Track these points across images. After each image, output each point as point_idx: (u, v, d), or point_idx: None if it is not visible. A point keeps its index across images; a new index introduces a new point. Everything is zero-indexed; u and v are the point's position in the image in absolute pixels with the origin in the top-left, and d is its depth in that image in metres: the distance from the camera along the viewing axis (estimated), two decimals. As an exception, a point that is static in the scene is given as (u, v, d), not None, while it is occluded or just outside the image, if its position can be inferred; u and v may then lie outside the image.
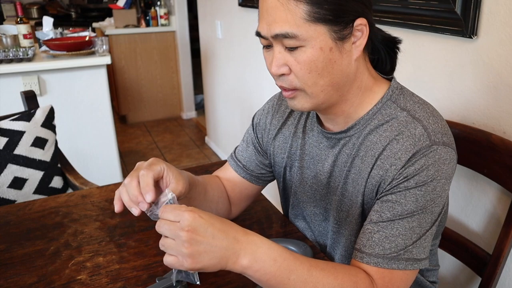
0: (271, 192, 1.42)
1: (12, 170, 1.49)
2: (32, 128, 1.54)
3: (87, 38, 2.56)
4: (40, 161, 1.54)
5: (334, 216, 0.87)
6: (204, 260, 0.62)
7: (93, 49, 2.42)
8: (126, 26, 4.06)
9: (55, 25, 2.86)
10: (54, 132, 1.63)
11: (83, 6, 5.76)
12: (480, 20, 1.03)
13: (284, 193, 1.00)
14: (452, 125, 1.03)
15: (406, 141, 0.73)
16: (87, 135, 2.49)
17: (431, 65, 1.21)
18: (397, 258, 0.71)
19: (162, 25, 4.18)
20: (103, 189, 1.21)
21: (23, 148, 1.51)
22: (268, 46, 0.75)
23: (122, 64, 4.13)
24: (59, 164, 1.64)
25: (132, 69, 4.18)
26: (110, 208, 1.10)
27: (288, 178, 0.96)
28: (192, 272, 0.68)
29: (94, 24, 4.68)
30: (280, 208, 1.08)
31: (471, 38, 1.06)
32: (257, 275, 0.65)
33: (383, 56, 0.83)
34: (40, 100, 1.71)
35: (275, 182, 1.03)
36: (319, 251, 0.92)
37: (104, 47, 2.38)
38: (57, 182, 1.60)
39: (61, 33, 2.74)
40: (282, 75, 0.74)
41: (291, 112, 0.94)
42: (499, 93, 1.02)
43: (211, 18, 3.08)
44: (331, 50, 0.70)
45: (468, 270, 1.08)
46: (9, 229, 1.02)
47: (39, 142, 1.55)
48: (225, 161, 1.04)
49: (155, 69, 4.28)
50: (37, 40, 2.69)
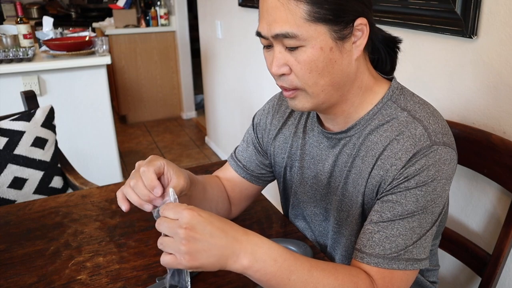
0: (271, 192, 1.42)
1: (12, 170, 1.49)
2: (32, 128, 1.54)
3: (87, 38, 2.56)
4: (40, 161, 1.54)
5: (335, 216, 0.86)
6: (202, 258, 0.62)
7: (93, 49, 2.42)
8: (126, 26, 4.06)
9: (55, 25, 2.86)
10: (54, 132, 1.63)
11: (83, 6, 5.76)
12: (480, 20, 1.03)
13: (284, 193, 1.00)
14: (452, 125, 1.03)
15: (407, 141, 0.73)
16: (87, 135, 2.49)
17: (431, 65, 1.21)
18: (398, 258, 0.71)
19: (162, 25, 4.18)
20: (103, 189, 1.21)
21: (23, 148, 1.51)
22: (269, 46, 0.75)
23: (122, 64, 4.13)
24: (59, 164, 1.64)
25: (132, 69, 4.18)
26: (110, 208, 1.10)
27: (289, 178, 0.96)
28: (185, 274, 0.68)
29: (94, 24, 4.68)
30: (280, 208, 1.08)
31: (471, 38, 1.06)
32: (258, 275, 0.65)
33: (383, 56, 0.83)
34: (40, 100, 1.71)
35: (275, 182, 1.03)
36: (319, 251, 0.92)
37: (104, 47, 2.38)
38: (57, 182, 1.60)
39: (61, 33, 2.74)
40: (283, 75, 0.74)
41: (292, 112, 0.94)
42: (499, 93, 1.02)
43: (211, 18, 3.08)
44: (332, 50, 0.70)
45: (468, 270, 1.08)
46: (9, 229, 1.02)
47: (39, 142, 1.55)
48: (225, 161, 1.04)
49: (155, 69, 4.28)
50: (37, 40, 2.69)
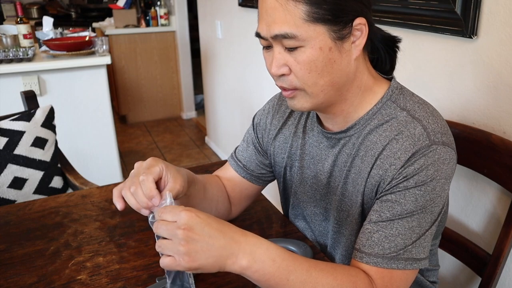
0: (271, 192, 1.42)
1: (12, 170, 1.49)
2: (32, 128, 1.54)
3: (87, 38, 2.57)
4: (40, 161, 1.54)
5: (335, 216, 0.87)
6: (201, 259, 0.62)
7: (93, 49, 2.42)
8: (126, 26, 4.06)
9: (55, 25, 2.86)
10: (54, 132, 1.63)
11: (83, 6, 5.76)
12: (480, 20, 1.03)
13: (284, 193, 1.00)
14: (452, 125, 1.03)
15: (406, 141, 0.73)
16: (87, 135, 2.49)
17: (431, 65, 1.21)
18: (397, 258, 0.71)
19: (162, 25, 4.18)
20: (103, 189, 1.21)
21: (23, 148, 1.51)
22: (268, 47, 0.75)
23: (122, 64, 4.13)
24: (59, 164, 1.64)
25: (132, 69, 4.18)
26: (110, 208, 1.10)
27: (288, 178, 0.96)
28: (188, 276, 0.67)
29: (94, 24, 4.68)
30: (280, 208, 1.08)
31: (471, 38, 1.06)
32: (256, 276, 0.65)
33: (383, 56, 0.83)
34: (40, 100, 1.71)
35: (275, 182, 1.03)
36: (319, 251, 0.92)
37: (104, 47, 2.38)
38: (57, 182, 1.60)
39: (61, 33, 2.74)
40: (282, 76, 0.74)
41: (292, 112, 0.94)
42: (499, 93, 1.02)
43: (211, 18, 3.08)
44: (331, 50, 0.70)
45: (468, 270, 1.08)
46: (9, 229, 1.02)
47: (39, 142, 1.55)
48: (225, 161, 1.04)
49: (155, 69, 4.28)
50: (37, 40, 2.69)
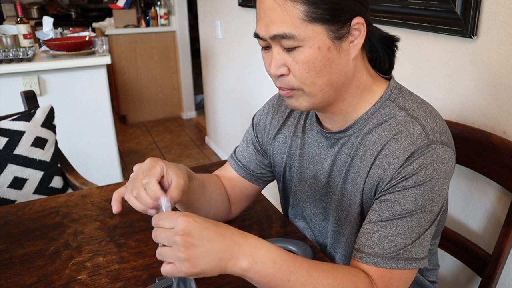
0: (271, 192, 1.42)
1: (12, 170, 1.49)
2: (32, 128, 1.54)
3: (87, 38, 2.56)
4: (40, 161, 1.54)
5: (334, 216, 0.87)
6: (202, 264, 0.61)
7: (93, 49, 2.42)
8: (126, 26, 4.06)
9: (55, 25, 2.86)
10: (54, 132, 1.63)
11: (83, 6, 5.76)
12: (480, 20, 1.03)
13: (284, 193, 1.00)
14: (452, 125, 1.03)
15: (405, 141, 0.73)
16: (87, 135, 2.49)
17: (431, 65, 1.21)
18: (396, 258, 0.71)
19: (162, 25, 4.18)
20: (103, 189, 1.21)
21: (23, 148, 1.51)
22: (267, 47, 0.75)
23: (122, 64, 4.13)
24: (59, 164, 1.64)
25: (132, 69, 4.18)
26: (110, 208, 1.09)
27: (288, 178, 0.96)
28: (191, 279, 0.67)
29: (94, 24, 4.68)
30: (280, 208, 1.08)
31: (471, 38, 1.06)
32: (257, 277, 0.65)
33: (381, 55, 0.83)
34: (40, 100, 1.71)
35: (275, 182, 1.03)
36: (319, 251, 0.92)
37: (104, 47, 2.38)
38: (57, 182, 1.60)
39: (61, 33, 2.74)
40: (281, 76, 0.74)
41: (291, 112, 0.94)
42: (499, 93, 1.02)
43: (211, 18, 3.08)
44: (329, 50, 0.70)
45: (468, 270, 1.08)
46: (9, 229, 1.02)
47: (39, 142, 1.55)
48: (225, 161, 1.04)
49: (155, 69, 4.28)
50: (37, 40, 2.69)
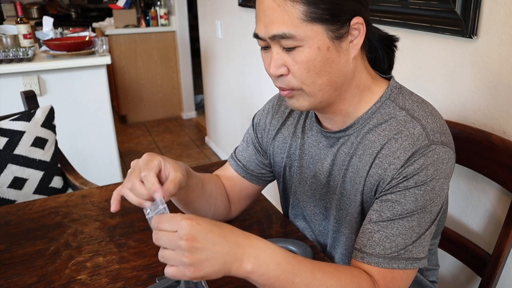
0: (271, 192, 1.42)
1: (12, 170, 1.49)
2: (32, 128, 1.54)
3: (87, 38, 2.56)
4: (40, 161, 1.54)
5: (334, 215, 0.87)
6: (207, 268, 0.61)
7: (93, 49, 2.42)
8: (126, 26, 4.06)
9: (55, 25, 2.86)
10: (54, 132, 1.63)
11: (83, 6, 5.76)
12: (480, 20, 1.03)
13: (284, 193, 1.00)
14: (452, 125, 1.03)
15: (405, 141, 0.73)
16: (87, 135, 2.49)
17: (431, 65, 1.21)
18: (398, 258, 0.71)
19: (162, 25, 4.18)
20: (103, 189, 1.21)
21: (23, 148, 1.51)
22: (266, 48, 0.75)
23: (122, 64, 4.13)
24: (59, 164, 1.64)
25: (132, 69, 4.18)
26: (110, 208, 1.10)
27: (288, 178, 0.96)
28: (201, 281, 0.67)
29: (94, 24, 4.68)
30: (280, 208, 1.08)
31: (471, 38, 1.06)
32: (261, 280, 0.64)
33: (381, 55, 0.83)
34: (40, 100, 1.71)
35: (275, 182, 1.03)
36: (319, 251, 0.92)
37: (104, 47, 2.38)
38: (57, 182, 1.60)
39: (61, 33, 2.74)
40: (281, 76, 0.74)
41: (291, 112, 0.94)
42: (499, 93, 1.02)
43: (211, 18, 3.08)
44: (329, 49, 0.70)
45: (468, 270, 1.08)
46: (9, 229, 1.02)
47: (39, 142, 1.55)
48: (225, 161, 1.04)
49: (155, 69, 4.28)
50: (37, 40, 2.69)
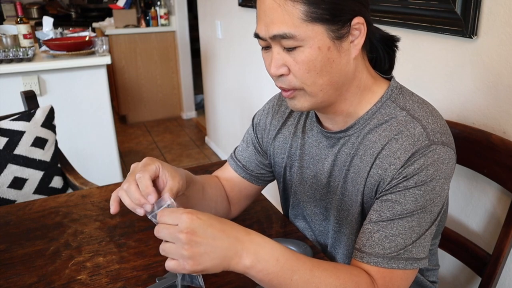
0: (271, 192, 1.42)
1: (12, 170, 1.49)
2: (32, 128, 1.54)
3: (87, 38, 2.56)
4: (40, 161, 1.54)
5: (335, 216, 0.87)
6: (206, 262, 0.61)
7: (93, 49, 2.42)
8: (126, 26, 4.06)
9: (55, 25, 2.86)
10: (54, 132, 1.63)
11: (83, 6, 5.76)
12: (480, 20, 1.03)
13: (284, 193, 1.00)
14: (452, 125, 1.03)
15: (405, 141, 0.73)
16: (87, 135, 2.49)
17: (431, 65, 1.21)
18: (397, 258, 0.71)
19: (162, 25, 4.18)
20: (103, 189, 1.21)
21: (23, 148, 1.51)
22: (267, 47, 0.75)
23: (122, 64, 4.13)
24: (59, 164, 1.64)
25: (132, 69, 4.18)
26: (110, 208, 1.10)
27: (288, 178, 0.96)
28: (197, 275, 0.67)
29: (94, 24, 4.68)
30: (280, 208, 1.08)
31: (471, 38, 1.06)
32: (260, 275, 0.65)
33: (382, 55, 0.83)
34: (40, 100, 1.71)
35: (275, 182, 1.03)
36: (319, 251, 0.92)
37: (104, 47, 2.38)
38: (57, 182, 1.60)
39: (61, 33, 2.74)
40: (281, 76, 0.74)
41: (291, 113, 0.94)
42: (499, 93, 1.02)
43: (211, 18, 3.08)
44: (329, 50, 0.70)
45: (468, 270, 1.08)
46: (9, 229, 1.02)
47: (39, 142, 1.55)
48: (225, 161, 1.04)
49: (155, 69, 4.28)
50: (37, 40, 2.69)
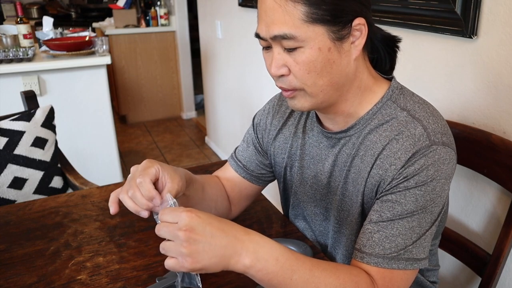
0: (271, 192, 1.42)
1: (12, 170, 1.49)
2: (32, 128, 1.54)
3: (87, 38, 2.57)
4: (40, 161, 1.54)
5: (335, 216, 0.87)
6: (204, 260, 0.61)
7: (93, 49, 2.42)
8: (126, 26, 4.06)
9: (55, 25, 2.86)
10: (54, 132, 1.63)
11: (83, 6, 5.76)
12: (480, 20, 1.03)
13: (285, 193, 1.00)
14: (452, 125, 1.03)
15: (406, 141, 0.73)
16: (87, 135, 2.49)
17: (431, 65, 1.21)
18: (397, 258, 0.71)
19: (162, 25, 4.18)
20: (103, 189, 1.21)
21: (23, 148, 1.51)
22: (268, 48, 0.75)
23: (122, 64, 4.13)
24: (59, 164, 1.64)
25: (132, 69, 4.18)
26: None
27: (289, 178, 0.96)
28: (195, 274, 0.68)
29: (94, 24, 4.68)
30: (280, 208, 1.08)
31: (471, 38, 1.06)
32: (259, 275, 0.65)
33: (383, 55, 0.83)
34: (40, 100, 1.71)
35: (275, 182, 1.03)
36: (319, 251, 0.92)
37: (104, 47, 2.38)
38: (57, 182, 1.60)
39: (61, 33, 2.74)
40: (282, 76, 0.74)
41: (292, 113, 0.94)
42: (499, 93, 1.02)
43: (211, 18, 3.08)
44: (330, 50, 0.70)
45: (468, 270, 1.08)
46: (9, 229, 1.02)
47: (39, 142, 1.55)
48: (225, 161, 1.04)
49: (155, 69, 4.28)
50: (37, 40, 2.69)
